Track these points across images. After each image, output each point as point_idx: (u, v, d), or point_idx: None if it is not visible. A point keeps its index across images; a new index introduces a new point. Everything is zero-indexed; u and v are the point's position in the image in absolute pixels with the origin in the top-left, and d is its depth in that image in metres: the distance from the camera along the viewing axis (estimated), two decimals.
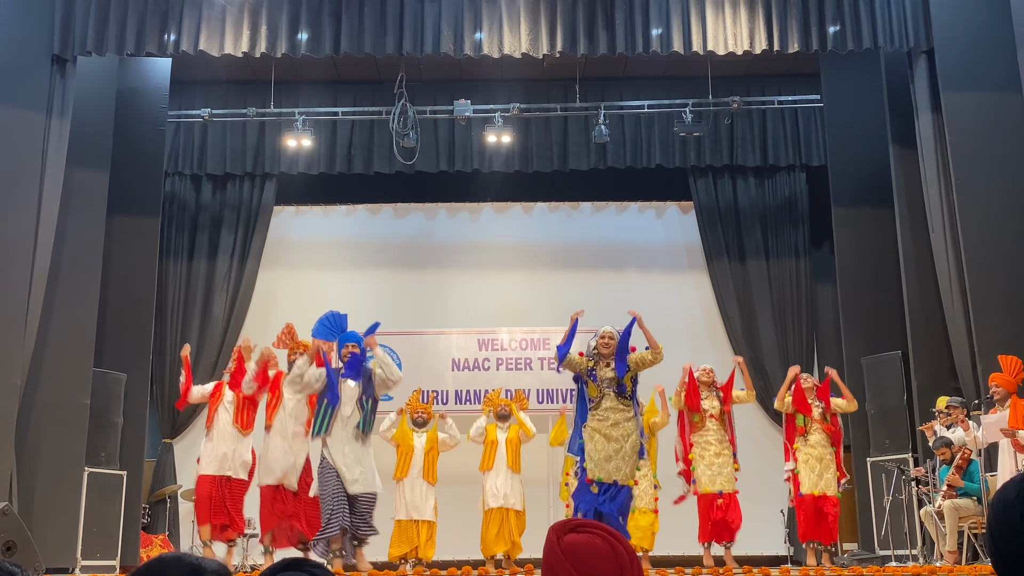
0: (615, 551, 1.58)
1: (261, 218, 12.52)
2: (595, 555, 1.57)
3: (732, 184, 12.63)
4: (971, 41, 9.48)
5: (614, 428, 6.99)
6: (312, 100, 12.13)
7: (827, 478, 8.60)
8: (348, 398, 7.52)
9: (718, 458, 8.57)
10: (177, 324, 12.18)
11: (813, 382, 9.03)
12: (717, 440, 8.66)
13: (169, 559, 1.49)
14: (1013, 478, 1.47)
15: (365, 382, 7.59)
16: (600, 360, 7.18)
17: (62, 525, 9.36)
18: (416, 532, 8.95)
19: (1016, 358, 7.87)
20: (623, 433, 6.99)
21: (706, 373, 8.97)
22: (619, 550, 1.58)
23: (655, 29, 9.61)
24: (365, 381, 7.59)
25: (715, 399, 8.83)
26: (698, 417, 8.68)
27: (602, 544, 1.58)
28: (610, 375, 7.09)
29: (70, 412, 9.60)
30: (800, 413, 8.73)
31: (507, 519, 9.03)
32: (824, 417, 8.77)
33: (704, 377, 8.92)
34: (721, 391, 8.92)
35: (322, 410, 7.46)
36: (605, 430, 6.99)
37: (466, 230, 12.74)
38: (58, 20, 9.58)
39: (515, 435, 9.23)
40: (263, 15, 9.56)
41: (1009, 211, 9.19)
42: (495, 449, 9.19)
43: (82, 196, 9.99)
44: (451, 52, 9.65)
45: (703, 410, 8.68)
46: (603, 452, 6.94)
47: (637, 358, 7.21)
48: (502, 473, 9.13)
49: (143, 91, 11.25)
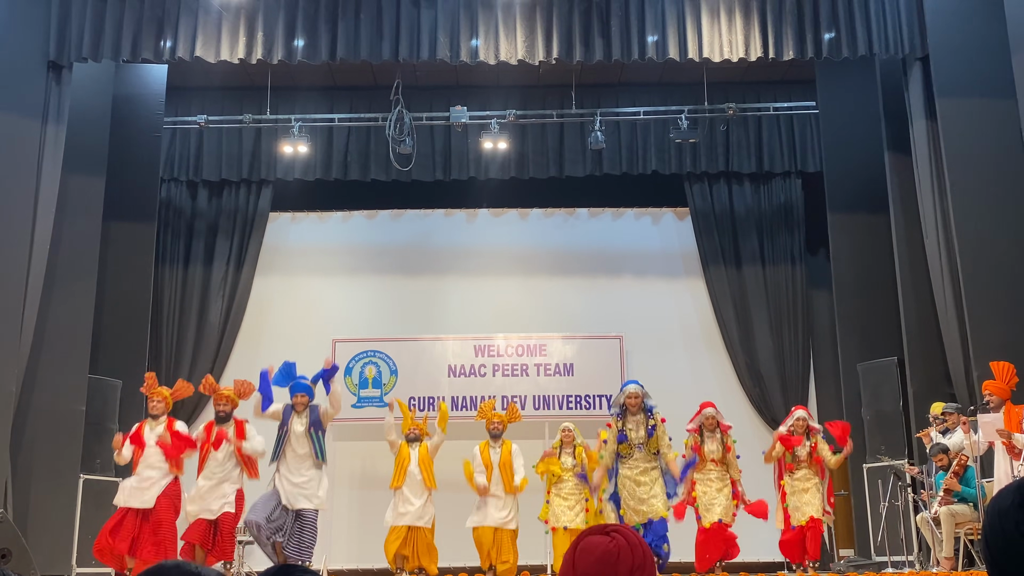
0: (619, 554, 1.63)
1: (257, 224, 12.51)
2: (596, 553, 1.64)
3: (728, 190, 12.64)
4: (965, 48, 9.51)
5: (643, 475, 8.03)
6: (308, 106, 12.13)
7: (815, 504, 8.71)
8: (297, 433, 8.38)
9: (719, 494, 8.67)
10: (173, 331, 12.16)
11: (806, 422, 9.00)
12: (718, 478, 8.74)
13: (169, 567, 1.49)
14: (1009, 485, 1.47)
15: (312, 417, 8.42)
16: (628, 416, 8.08)
17: (57, 532, 9.35)
18: (413, 538, 8.92)
19: (1009, 364, 7.88)
20: (651, 478, 8.03)
21: (710, 420, 8.83)
22: (623, 555, 1.63)
23: (651, 36, 9.63)
24: (312, 416, 8.43)
25: (719, 443, 8.78)
26: (791, 458, 8.84)
27: (608, 544, 1.65)
28: (642, 436, 8.05)
29: (65, 419, 9.59)
30: (787, 450, 8.88)
31: (497, 537, 9.02)
32: (810, 455, 8.87)
33: (708, 424, 8.81)
34: (723, 431, 8.89)
35: (278, 442, 8.41)
36: (635, 476, 8.02)
37: (462, 236, 12.74)
38: (54, 26, 9.58)
39: (508, 458, 9.16)
40: (259, 21, 9.57)
41: (1004, 217, 9.21)
42: (491, 472, 9.15)
43: (78, 202, 9.98)
44: (447, 59, 9.66)
45: (705, 455, 8.73)
46: (635, 496, 7.98)
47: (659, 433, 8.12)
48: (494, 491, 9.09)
49: (139, 97, 11.26)
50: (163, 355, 11.95)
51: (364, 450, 11.67)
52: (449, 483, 9.68)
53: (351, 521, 11.64)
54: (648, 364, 12.08)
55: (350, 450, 11.79)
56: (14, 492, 9.06)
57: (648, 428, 8.04)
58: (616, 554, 1.63)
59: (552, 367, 12.12)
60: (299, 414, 8.41)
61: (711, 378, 12.14)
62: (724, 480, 8.75)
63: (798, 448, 8.87)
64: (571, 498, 9.01)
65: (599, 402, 11.91)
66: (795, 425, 8.97)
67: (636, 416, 8.09)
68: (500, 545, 8.96)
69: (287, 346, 12.15)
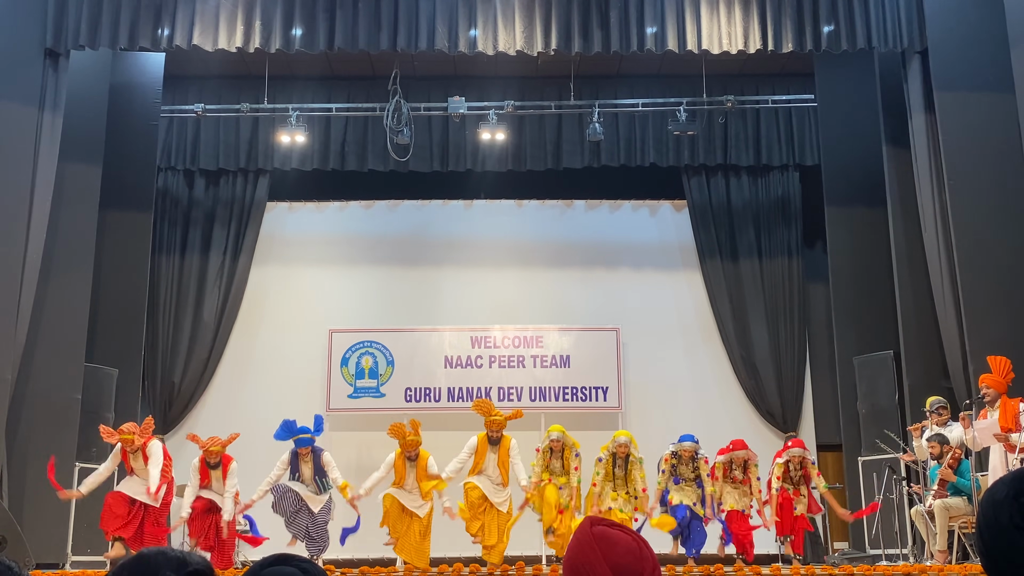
0: (641, 551, 1.64)
1: (254, 214, 12.49)
2: (622, 546, 1.64)
3: (725, 183, 12.63)
4: (964, 42, 9.50)
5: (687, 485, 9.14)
6: (306, 96, 12.11)
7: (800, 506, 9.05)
8: (306, 476, 8.86)
9: (737, 489, 9.13)
10: (169, 320, 12.15)
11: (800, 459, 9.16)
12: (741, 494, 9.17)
13: (153, 554, 1.47)
14: (1003, 477, 1.47)
15: (316, 464, 8.82)
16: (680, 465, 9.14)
17: (53, 520, 9.34)
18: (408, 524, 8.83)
19: (1005, 359, 7.89)
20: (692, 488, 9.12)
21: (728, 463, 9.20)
22: (645, 551, 1.65)
23: (650, 28, 9.62)
24: (316, 464, 8.82)
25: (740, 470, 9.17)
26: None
27: (631, 541, 1.65)
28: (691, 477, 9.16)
29: (61, 407, 9.58)
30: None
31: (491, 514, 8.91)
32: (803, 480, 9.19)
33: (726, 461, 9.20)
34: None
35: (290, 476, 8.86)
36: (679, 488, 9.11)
37: (459, 227, 12.72)
38: (51, 13, 9.55)
39: (506, 456, 9.04)
40: (257, 10, 9.54)
41: (1001, 211, 9.21)
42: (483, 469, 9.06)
43: (74, 191, 9.96)
44: (445, 49, 9.64)
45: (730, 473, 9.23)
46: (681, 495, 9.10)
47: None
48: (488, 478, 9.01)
49: (136, 86, 11.23)
50: (159, 344, 11.94)
51: (359, 440, 11.67)
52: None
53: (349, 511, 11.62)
54: (644, 356, 12.10)
55: (345, 440, 11.79)
56: (9, 480, 9.06)
57: (694, 468, 9.06)
58: (640, 551, 1.64)
59: (548, 359, 12.12)
60: (305, 462, 8.85)
61: (707, 370, 12.16)
62: (747, 497, 9.12)
63: (792, 471, 9.13)
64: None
65: (595, 394, 11.92)
66: (791, 461, 9.11)
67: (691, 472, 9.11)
68: (488, 525, 8.85)
69: (283, 336, 12.19)
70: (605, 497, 8.95)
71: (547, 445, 9.07)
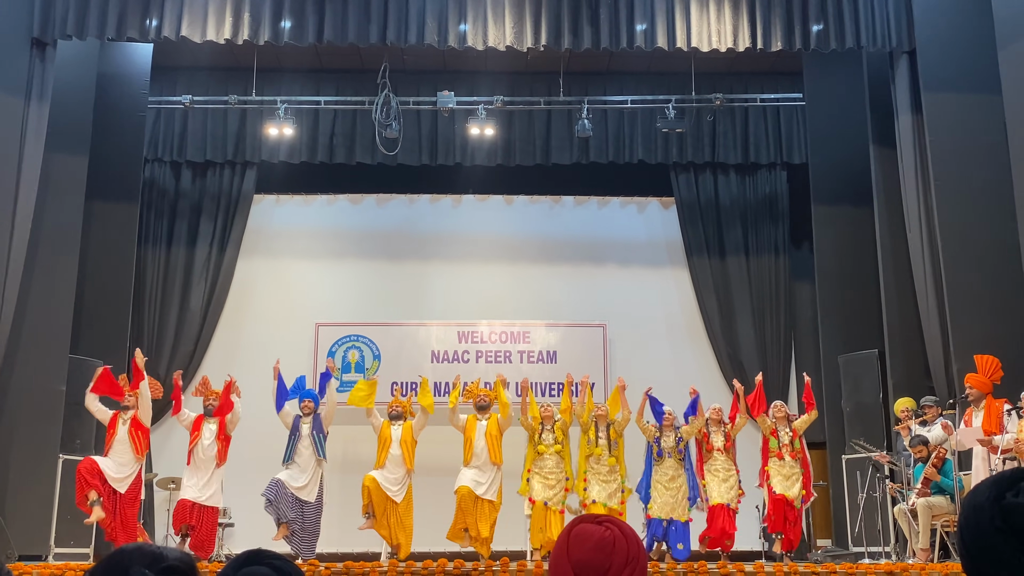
0: (614, 545, 1.63)
1: (241, 206, 12.44)
2: (592, 542, 1.63)
3: (713, 181, 12.66)
4: (952, 43, 9.55)
5: (672, 481, 9.11)
6: (294, 88, 12.06)
7: (795, 489, 8.99)
8: (304, 436, 9.17)
9: (725, 482, 9.13)
10: (155, 312, 12.10)
11: (785, 411, 9.31)
12: (724, 468, 9.17)
13: (130, 549, 1.47)
14: (985, 480, 1.48)
15: (315, 422, 9.16)
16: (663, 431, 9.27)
17: (36, 512, 9.31)
18: (385, 510, 8.95)
19: (993, 358, 7.91)
20: (677, 485, 9.12)
21: (716, 412, 9.33)
22: (619, 545, 1.63)
23: (639, 25, 9.62)
24: (315, 421, 9.16)
25: (721, 435, 9.25)
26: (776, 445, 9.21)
27: (605, 536, 1.64)
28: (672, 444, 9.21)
29: (45, 399, 9.54)
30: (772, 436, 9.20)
31: (482, 508, 8.98)
32: (793, 444, 9.10)
33: (714, 416, 9.30)
34: (728, 422, 9.35)
35: (289, 443, 9.13)
36: (666, 482, 9.10)
37: (447, 222, 12.71)
38: (38, 3, 9.49)
39: (495, 428, 9.18)
40: (246, 2, 9.50)
41: (987, 212, 9.26)
42: (472, 445, 9.15)
43: (60, 181, 9.90)
44: (435, 43, 9.62)
45: (712, 445, 9.23)
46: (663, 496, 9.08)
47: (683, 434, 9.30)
48: (481, 465, 9.08)
49: (124, 76, 11.17)
50: (145, 336, 11.88)
51: (346, 434, 11.63)
52: (430, 468, 9.70)
53: (333, 505, 11.61)
54: (631, 353, 12.11)
55: (332, 434, 11.69)
56: None
57: (676, 439, 9.18)
58: (611, 543, 1.63)
59: (535, 354, 12.13)
60: (305, 419, 9.15)
61: (693, 367, 12.17)
62: (730, 470, 9.16)
63: (781, 434, 9.05)
64: (551, 477, 9.06)
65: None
66: (775, 409, 9.20)
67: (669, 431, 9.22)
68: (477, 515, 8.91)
69: (270, 329, 12.15)
70: (591, 488, 9.00)
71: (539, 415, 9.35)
